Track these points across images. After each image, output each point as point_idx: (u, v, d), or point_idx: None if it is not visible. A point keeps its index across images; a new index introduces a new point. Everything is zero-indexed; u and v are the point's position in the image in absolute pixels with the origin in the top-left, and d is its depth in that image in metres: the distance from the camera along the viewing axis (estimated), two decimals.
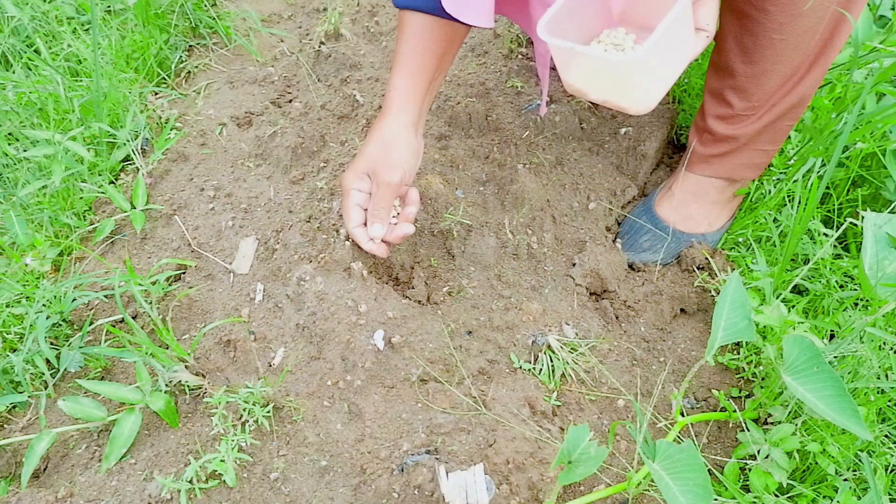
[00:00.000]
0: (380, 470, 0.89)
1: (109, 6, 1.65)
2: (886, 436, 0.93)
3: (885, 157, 1.11)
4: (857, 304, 1.04)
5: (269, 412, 0.93)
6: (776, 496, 0.88)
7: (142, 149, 1.36)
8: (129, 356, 0.96)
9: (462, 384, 1.00)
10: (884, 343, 0.93)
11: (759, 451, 0.89)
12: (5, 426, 1.00)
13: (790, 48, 0.95)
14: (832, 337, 1.03)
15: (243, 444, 0.91)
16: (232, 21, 1.67)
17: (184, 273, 1.16)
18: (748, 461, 0.91)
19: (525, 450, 0.89)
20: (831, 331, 1.01)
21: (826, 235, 1.11)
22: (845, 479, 0.88)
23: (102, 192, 1.26)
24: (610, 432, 0.88)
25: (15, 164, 1.27)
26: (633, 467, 0.93)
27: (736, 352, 1.07)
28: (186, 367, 0.99)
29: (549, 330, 1.07)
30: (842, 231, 1.05)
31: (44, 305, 1.05)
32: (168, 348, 1.00)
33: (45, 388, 1.02)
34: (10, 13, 1.42)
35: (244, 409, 0.92)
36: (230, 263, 1.16)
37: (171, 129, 1.40)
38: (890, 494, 0.87)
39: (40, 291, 1.06)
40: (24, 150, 1.23)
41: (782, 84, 1.01)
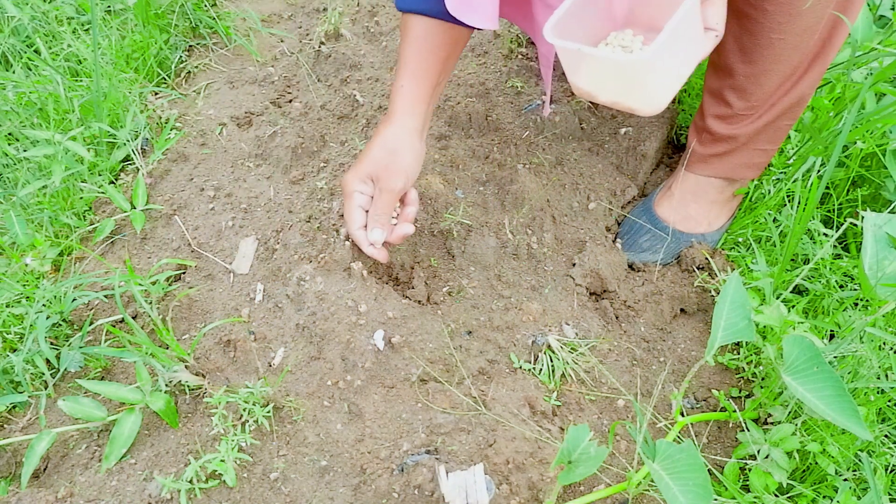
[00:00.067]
0: (380, 470, 0.89)
1: (109, 6, 1.65)
2: (886, 436, 0.93)
3: (885, 157, 1.11)
4: (857, 304, 1.04)
5: (269, 412, 0.93)
6: (776, 496, 0.87)
7: (142, 149, 1.36)
8: (129, 356, 0.96)
9: (462, 384, 1.00)
10: (884, 343, 0.93)
11: (759, 451, 0.89)
12: (5, 426, 1.00)
13: (789, 48, 0.95)
14: (832, 337, 1.03)
15: (243, 444, 0.91)
16: (232, 21, 1.67)
17: (184, 273, 1.16)
18: (748, 461, 0.91)
19: (525, 450, 0.89)
20: (831, 331, 1.01)
21: (826, 235, 1.10)
22: (845, 479, 0.88)
23: (102, 192, 1.26)
24: (610, 432, 0.88)
25: (15, 164, 1.27)
26: (633, 467, 0.93)
27: (736, 352, 1.07)
28: (186, 367, 0.99)
29: (549, 330, 1.07)
30: (842, 231, 1.05)
31: (44, 305, 1.05)
32: (168, 348, 1.00)
33: (45, 388, 1.02)
34: (10, 13, 1.42)
35: (244, 409, 0.92)
36: (230, 263, 1.16)
37: (171, 129, 1.40)
38: (890, 494, 0.87)
39: (40, 291, 1.06)
40: (24, 150, 1.23)
41: (781, 83, 1.01)
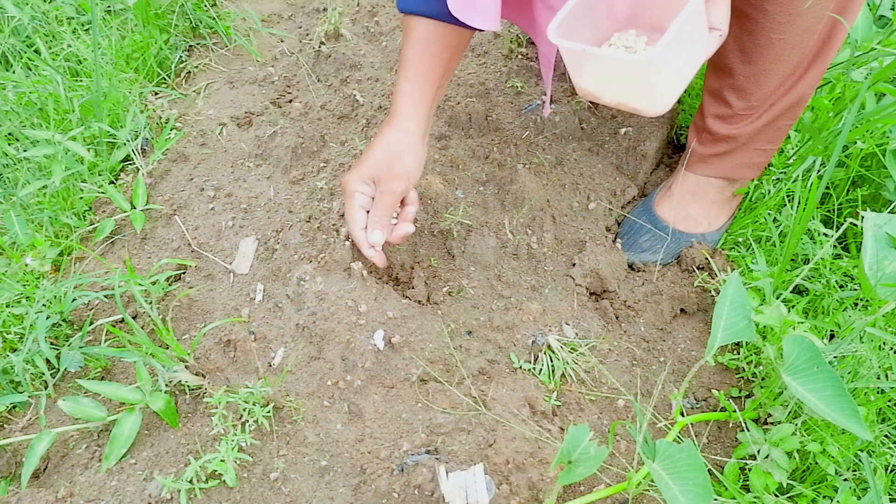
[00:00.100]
0: (380, 470, 0.89)
1: (109, 6, 1.65)
2: (886, 436, 0.93)
3: (884, 157, 1.11)
4: (857, 304, 1.04)
5: (269, 412, 0.93)
6: (776, 496, 0.87)
7: (142, 149, 1.36)
8: (129, 356, 0.96)
9: (462, 384, 1.00)
10: (884, 343, 0.93)
11: (759, 451, 0.89)
12: (5, 426, 1.00)
13: (789, 47, 0.95)
14: (832, 337, 1.03)
15: (243, 444, 0.91)
16: (232, 21, 1.67)
17: (184, 273, 1.16)
18: (748, 461, 0.91)
19: (525, 450, 0.89)
20: (831, 331, 1.01)
21: (826, 235, 1.10)
22: (845, 479, 0.88)
23: (102, 192, 1.26)
24: (610, 432, 0.88)
25: (15, 164, 1.27)
26: (633, 467, 0.93)
27: (736, 352, 1.07)
28: (186, 367, 0.99)
29: (549, 330, 1.07)
30: (842, 231, 1.05)
31: (44, 305, 1.05)
32: (168, 348, 1.00)
33: (45, 388, 1.02)
34: (10, 13, 1.42)
35: (244, 409, 0.92)
36: (230, 263, 1.16)
37: (171, 129, 1.40)
38: (890, 494, 0.87)
39: (40, 291, 1.06)
40: (24, 150, 1.23)
41: (781, 83, 1.01)
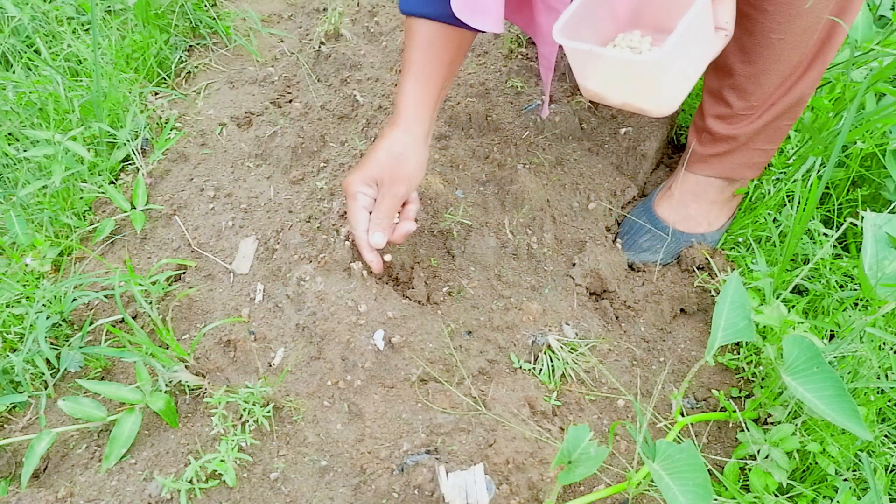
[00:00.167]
0: (380, 470, 0.89)
1: (109, 6, 1.65)
2: (886, 436, 0.93)
3: (884, 157, 1.11)
4: (857, 304, 1.04)
5: (269, 412, 0.93)
6: (776, 496, 0.87)
7: (142, 149, 1.36)
8: (129, 356, 0.96)
9: (462, 384, 1.00)
10: (884, 343, 0.93)
11: (759, 451, 0.89)
12: (5, 426, 1.00)
13: (788, 47, 0.95)
14: (832, 337, 1.03)
15: (243, 444, 0.91)
16: (232, 21, 1.67)
17: (184, 273, 1.16)
18: (748, 461, 0.91)
19: (525, 450, 0.89)
20: (831, 331, 1.01)
21: (826, 235, 1.10)
22: (845, 479, 0.88)
23: (102, 192, 1.26)
24: (610, 432, 0.88)
25: (15, 164, 1.27)
26: (633, 467, 0.93)
27: (736, 352, 1.07)
28: (186, 367, 0.99)
29: (549, 330, 1.07)
30: (842, 231, 1.05)
31: (44, 305, 1.05)
32: (168, 348, 1.00)
33: (45, 388, 1.02)
34: (10, 13, 1.42)
35: (244, 409, 0.92)
36: (230, 263, 1.16)
37: (171, 129, 1.40)
38: (890, 494, 0.87)
39: (40, 291, 1.06)
40: (24, 150, 1.23)
41: (781, 83, 1.01)
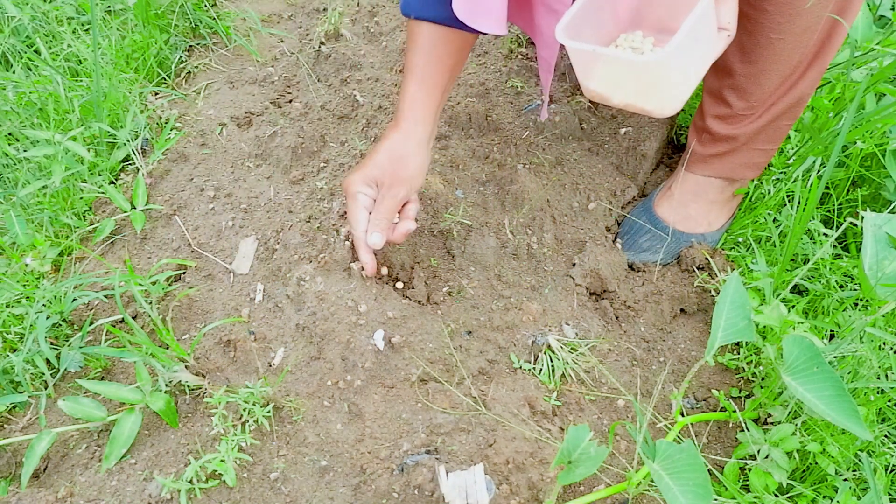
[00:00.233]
0: (380, 470, 0.89)
1: (109, 6, 1.65)
2: (886, 436, 0.93)
3: (884, 158, 1.11)
4: (857, 304, 1.04)
5: (269, 412, 0.93)
6: (776, 496, 0.87)
7: (142, 149, 1.36)
8: (129, 356, 0.96)
9: (462, 384, 1.00)
10: (884, 343, 0.93)
11: (759, 451, 0.89)
12: (5, 426, 1.00)
13: (788, 47, 0.95)
14: (832, 337, 1.03)
15: (243, 444, 0.91)
16: (232, 21, 1.67)
17: (184, 273, 1.16)
18: (748, 461, 0.91)
19: (525, 450, 0.89)
20: (831, 331, 1.01)
21: (826, 235, 1.10)
22: (845, 479, 0.88)
23: (102, 192, 1.26)
24: (610, 432, 0.88)
25: (15, 164, 1.27)
26: (633, 467, 0.93)
27: (736, 352, 1.07)
28: (186, 367, 0.99)
29: (549, 330, 1.07)
30: (842, 231, 1.05)
31: (44, 305, 1.05)
32: (168, 348, 1.00)
33: (45, 388, 1.02)
34: (10, 13, 1.42)
35: (244, 409, 0.92)
36: (230, 263, 1.16)
37: (171, 129, 1.40)
38: (890, 494, 0.87)
39: (40, 291, 1.06)
40: (24, 150, 1.23)
41: (781, 83, 1.01)
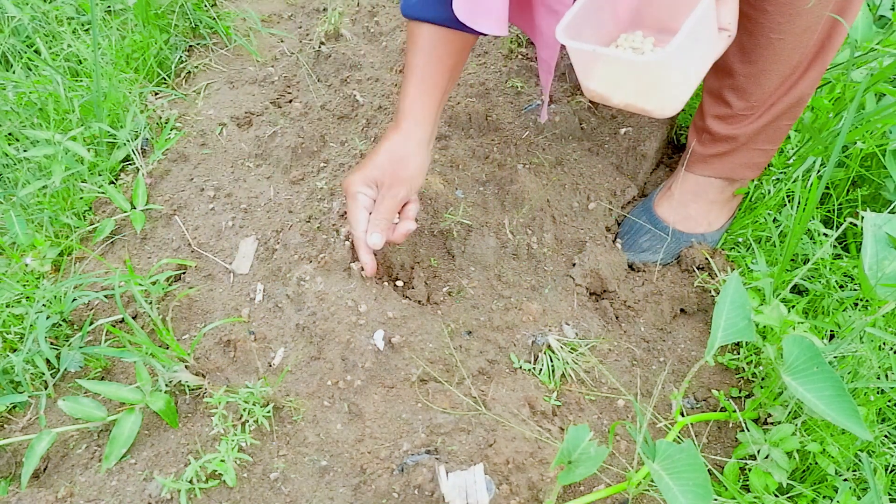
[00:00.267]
0: (380, 470, 0.89)
1: (109, 6, 1.65)
2: (886, 436, 0.93)
3: (884, 158, 1.11)
4: (857, 304, 1.04)
5: (269, 412, 0.93)
6: (776, 496, 0.87)
7: (142, 149, 1.36)
8: (129, 356, 0.96)
9: (462, 384, 1.00)
10: (884, 343, 0.93)
11: (759, 451, 0.89)
12: (5, 426, 1.00)
13: (788, 47, 0.95)
14: (832, 337, 1.03)
15: (243, 444, 0.91)
16: (232, 21, 1.67)
17: (184, 273, 1.16)
18: (748, 461, 0.91)
19: (525, 450, 0.89)
20: (831, 331, 1.01)
21: (826, 235, 1.10)
22: (845, 479, 0.88)
23: (102, 192, 1.26)
24: (610, 432, 0.89)
25: (15, 164, 1.27)
26: (633, 467, 0.93)
27: (736, 352, 1.07)
28: (186, 367, 0.99)
29: (549, 330, 1.07)
30: (842, 231, 1.05)
31: (44, 305, 1.05)
32: (168, 348, 1.00)
33: (45, 388, 1.02)
34: (10, 13, 1.42)
35: (244, 409, 0.92)
36: (230, 263, 1.16)
37: (171, 130, 1.40)
38: (890, 494, 0.87)
39: (40, 291, 1.06)
40: (24, 150, 1.23)
41: (781, 83, 1.01)
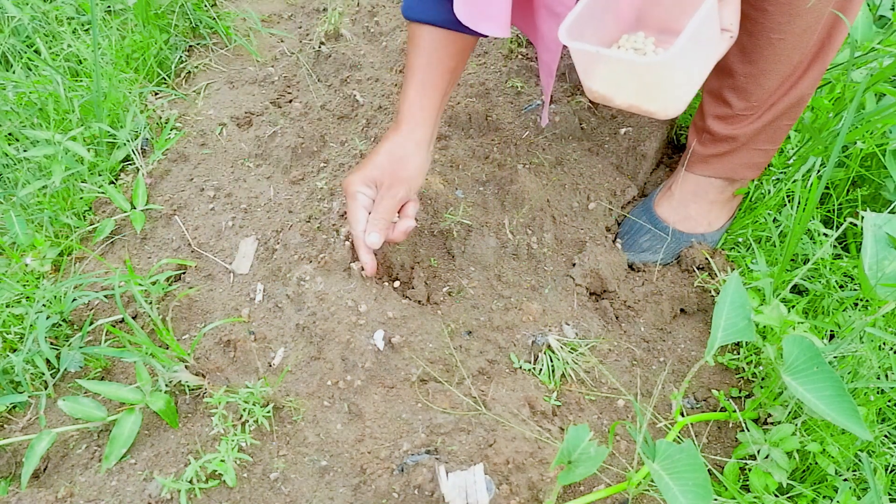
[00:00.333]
0: (380, 470, 0.89)
1: (109, 6, 1.65)
2: (886, 436, 0.93)
3: (884, 158, 1.11)
4: (857, 304, 1.04)
5: (269, 412, 0.93)
6: (776, 496, 0.88)
7: (142, 149, 1.36)
8: (129, 356, 0.96)
9: (462, 384, 1.00)
10: (884, 343, 0.93)
11: (759, 451, 0.89)
12: (5, 426, 1.00)
13: (789, 47, 0.95)
14: (832, 337, 1.03)
15: (243, 444, 0.91)
16: (232, 21, 1.67)
17: (184, 273, 1.16)
18: (748, 461, 0.91)
19: (525, 450, 0.89)
20: (831, 331, 1.01)
21: (826, 235, 1.10)
22: (845, 479, 0.88)
23: (102, 192, 1.26)
24: (610, 432, 0.89)
25: (15, 164, 1.27)
26: (633, 467, 0.93)
27: (736, 352, 1.07)
28: (186, 367, 0.99)
29: (549, 330, 1.07)
30: (842, 231, 1.05)
31: (44, 305, 1.05)
32: (168, 348, 1.00)
33: (45, 388, 1.02)
34: (10, 13, 1.42)
35: (244, 409, 0.92)
36: (230, 263, 1.16)
37: (171, 130, 1.40)
38: (890, 494, 0.87)
39: (40, 291, 1.06)
40: (24, 150, 1.23)
41: (781, 83, 1.01)
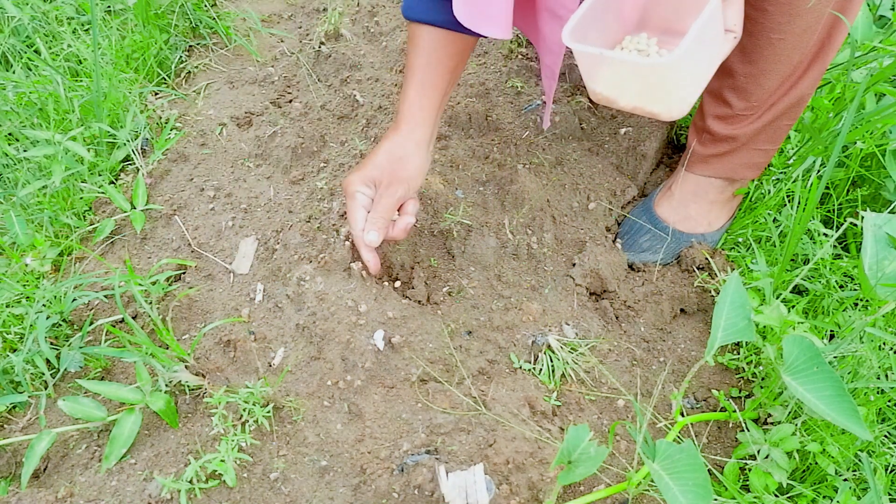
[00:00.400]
0: (380, 470, 0.89)
1: (109, 6, 1.65)
2: (886, 436, 0.93)
3: (884, 158, 1.11)
4: (857, 304, 1.04)
5: (269, 412, 0.93)
6: (776, 496, 0.88)
7: (142, 149, 1.36)
8: (129, 356, 0.96)
9: (462, 384, 1.00)
10: (884, 343, 0.93)
11: (759, 451, 0.89)
12: (5, 426, 1.00)
13: (789, 47, 0.95)
14: (832, 337, 1.03)
15: (243, 444, 0.91)
16: (232, 21, 1.67)
17: (184, 273, 1.16)
18: (748, 461, 0.91)
19: (525, 450, 0.89)
20: (831, 331, 1.01)
21: (826, 235, 1.10)
22: (845, 479, 0.88)
23: (102, 192, 1.26)
24: (610, 432, 0.89)
25: (15, 164, 1.27)
26: (633, 467, 0.93)
27: (736, 352, 1.07)
28: (186, 367, 0.99)
29: (549, 330, 1.07)
30: (842, 231, 1.05)
31: (44, 305, 1.05)
32: (168, 348, 1.00)
33: (45, 388, 1.02)
34: (10, 13, 1.42)
35: (244, 409, 0.92)
36: (230, 263, 1.16)
37: (171, 130, 1.40)
38: (890, 494, 0.87)
39: (40, 291, 1.06)
40: (24, 150, 1.23)
41: (781, 83, 1.01)
